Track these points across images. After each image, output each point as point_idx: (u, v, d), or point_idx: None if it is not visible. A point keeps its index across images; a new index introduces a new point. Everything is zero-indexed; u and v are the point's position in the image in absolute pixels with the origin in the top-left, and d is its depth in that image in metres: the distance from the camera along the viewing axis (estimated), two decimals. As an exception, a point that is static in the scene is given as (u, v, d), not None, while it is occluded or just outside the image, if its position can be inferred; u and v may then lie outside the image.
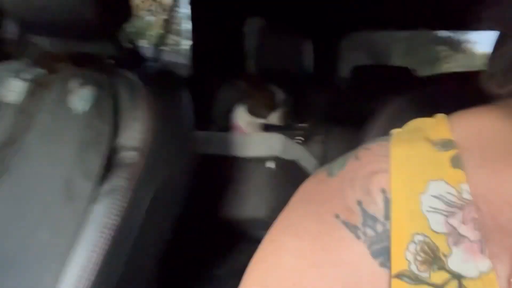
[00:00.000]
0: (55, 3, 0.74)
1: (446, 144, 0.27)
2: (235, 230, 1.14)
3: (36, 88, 0.78)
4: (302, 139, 1.46)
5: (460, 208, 0.24)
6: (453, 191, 0.24)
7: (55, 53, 0.80)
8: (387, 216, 0.25)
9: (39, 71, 0.80)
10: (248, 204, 1.18)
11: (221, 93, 1.68)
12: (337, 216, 0.26)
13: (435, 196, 0.24)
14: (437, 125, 0.28)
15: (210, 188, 1.17)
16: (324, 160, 1.45)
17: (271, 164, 1.23)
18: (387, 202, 0.25)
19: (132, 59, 0.85)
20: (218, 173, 1.21)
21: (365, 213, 0.26)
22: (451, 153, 0.26)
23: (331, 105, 1.60)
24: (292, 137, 1.43)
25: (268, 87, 1.43)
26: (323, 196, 0.27)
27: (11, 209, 0.71)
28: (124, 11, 0.84)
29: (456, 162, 0.25)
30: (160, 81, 0.79)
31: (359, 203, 0.26)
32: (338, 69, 1.98)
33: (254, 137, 1.31)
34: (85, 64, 0.78)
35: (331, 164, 0.30)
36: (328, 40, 1.93)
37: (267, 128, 1.44)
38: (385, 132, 0.61)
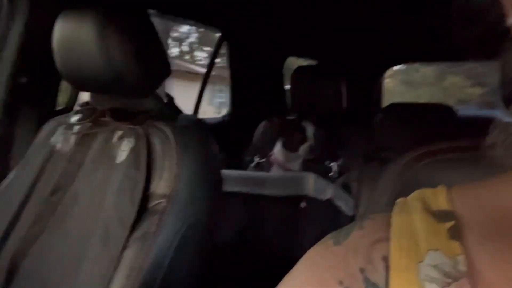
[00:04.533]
0: (101, 64, 0.84)
1: (445, 215, 0.28)
2: (266, 270, 1.16)
3: (83, 139, 0.89)
4: (336, 176, 1.47)
5: (455, 279, 0.25)
6: (450, 262, 0.25)
7: (101, 109, 0.90)
8: (388, 284, 0.26)
9: (87, 124, 0.90)
10: (281, 243, 1.20)
11: (259, 130, 1.75)
12: (340, 283, 0.27)
13: (432, 266, 0.25)
14: (437, 196, 0.30)
15: (242, 226, 1.21)
16: (359, 197, 1.44)
17: (303, 204, 1.25)
18: (387, 270, 0.26)
19: (168, 112, 0.93)
20: (250, 211, 1.24)
21: (367, 280, 0.27)
22: (449, 224, 0.27)
23: (366, 143, 1.59)
24: (326, 174, 1.45)
25: (299, 122, 1.48)
26: (328, 263, 0.29)
27: (58, 248, 0.79)
28: (164, 69, 0.93)
29: (453, 234, 0.26)
30: (190, 131, 0.86)
31: (362, 270, 0.27)
32: (372, 106, 1.98)
33: (286, 176, 1.35)
34: (125, 119, 0.87)
35: (338, 233, 0.31)
36: (362, 78, 1.94)
37: (305, 162, 1.48)
38: (394, 185, 0.61)
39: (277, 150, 1.52)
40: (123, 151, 0.83)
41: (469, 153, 0.49)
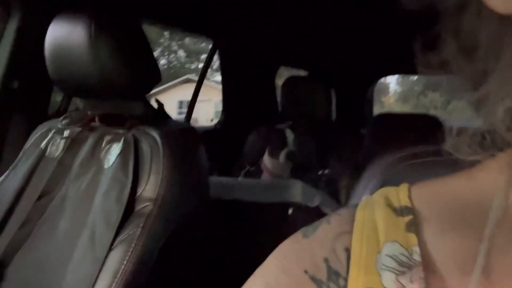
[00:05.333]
0: (92, 70, 0.86)
1: (404, 211, 0.30)
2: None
3: (73, 144, 0.90)
4: (325, 184, 1.49)
5: (410, 268, 0.27)
6: (405, 253, 0.28)
7: (90, 114, 0.92)
8: (348, 272, 0.28)
9: (77, 129, 0.91)
10: (267, 250, 1.21)
11: (249, 139, 1.77)
12: (306, 272, 0.29)
13: (389, 256, 0.28)
14: (399, 193, 0.32)
15: (229, 233, 1.22)
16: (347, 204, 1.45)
17: (290, 211, 1.26)
18: (349, 259, 0.29)
19: (157, 117, 0.95)
20: (238, 218, 1.25)
21: (330, 269, 0.29)
22: (407, 218, 0.29)
23: (355, 151, 1.62)
24: (315, 182, 1.47)
25: (279, 129, 1.50)
26: (296, 255, 0.31)
27: (44, 251, 0.80)
28: (154, 76, 0.95)
29: (410, 227, 0.29)
30: (178, 137, 0.87)
31: (326, 260, 0.29)
32: (363, 116, 2.01)
33: (274, 183, 1.36)
34: (114, 123, 0.88)
35: (307, 227, 0.33)
36: (351, 89, 1.98)
37: (294, 170, 1.50)
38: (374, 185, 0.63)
39: (265, 158, 1.55)
40: (112, 155, 0.84)
41: (441, 156, 0.51)
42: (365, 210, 0.31)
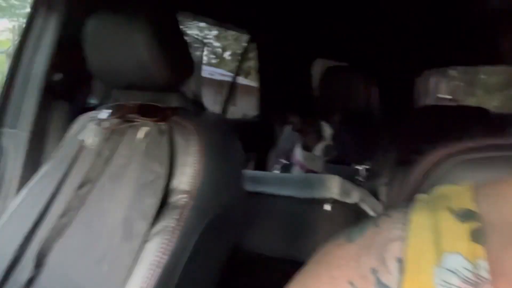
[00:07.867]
0: (129, 62, 0.87)
1: (467, 215, 0.26)
2: (288, 271, 1.14)
3: (111, 135, 0.91)
4: (363, 180, 1.44)
5: (475, 285, 0.23)
6: (470, 267, 0.23)
7: (128, 105, 0.92)
8: (400, 287, 0.25)
9: (115, 120, 0.92)
10: (303, 246, 1.18)
11: (284, 132, 1.74)
12: (351, 283, 0.26)
13: (449, 270, 0.23)
14: (461, 194, 0.27)
15: (266, 227, 1.20)
16: (388, 202, 1.39)
17: (327, 207, 1.23)
18: (401, 272, 0.25)
19: (193, 109, 0.94)
20: (275, 212, 1.23)
21: (379, 282, 0.26)
22: (471, 225, 0.25)
23: (397, 146, 1.54)
24: (351, 177, 1.42)
25: (317, 122, 1.46)
26: (340, 262, 0.28)
27: (83, 240, 0.82)
28: (188, 68, 0.95)
29: (476, 236, 0.24)
30: (213, 129, 0.86)
31: (374, 271, 0.26)
32: (407, 109, 1.93)
33: (311, 177, 1.33)
34: (151, 115, 0.88)
35: (352, 229, 0.30)
36: (395, 81, 1.89)
37: (328, 163, 1.46)
38: (417, 185, 0.58)
39: (297, 151, 1.51)
40: (148, 146, 0.84)
41: (503, 152, 0.46)
42: (420, 214, 0.27)
